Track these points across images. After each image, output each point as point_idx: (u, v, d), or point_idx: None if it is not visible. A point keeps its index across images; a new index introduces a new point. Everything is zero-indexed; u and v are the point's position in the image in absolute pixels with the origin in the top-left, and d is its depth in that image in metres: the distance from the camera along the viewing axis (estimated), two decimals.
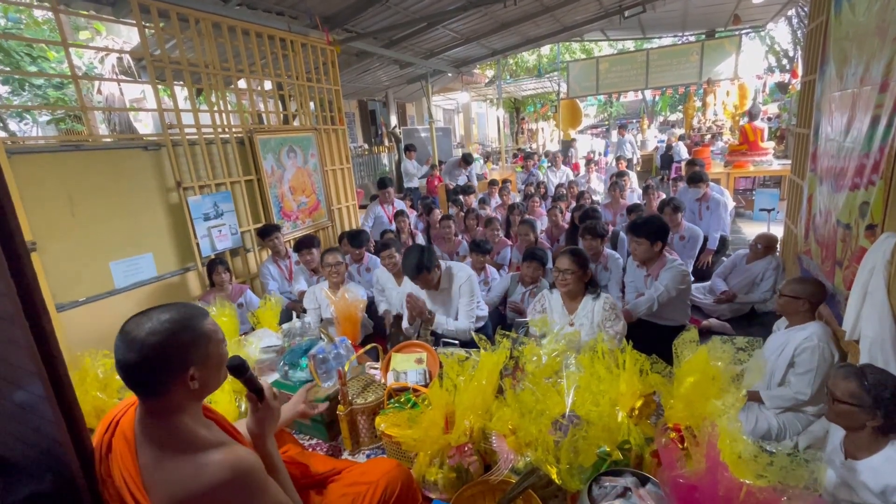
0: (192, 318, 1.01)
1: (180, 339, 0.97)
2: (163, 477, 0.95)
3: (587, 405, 1.38)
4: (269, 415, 1.21)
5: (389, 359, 2.01)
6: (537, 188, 6.41)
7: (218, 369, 1.07)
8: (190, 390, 0.99)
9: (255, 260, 4.18)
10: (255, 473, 1.01)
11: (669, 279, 2.71)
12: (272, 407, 1.22)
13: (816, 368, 2.04)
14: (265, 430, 1.19)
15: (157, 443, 0.97)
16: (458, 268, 2.66)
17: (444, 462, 1.49)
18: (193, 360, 0.99)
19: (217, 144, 3.77)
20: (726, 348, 1.48)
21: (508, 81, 13.46)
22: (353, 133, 12.77)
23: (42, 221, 2.76)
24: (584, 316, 2.35)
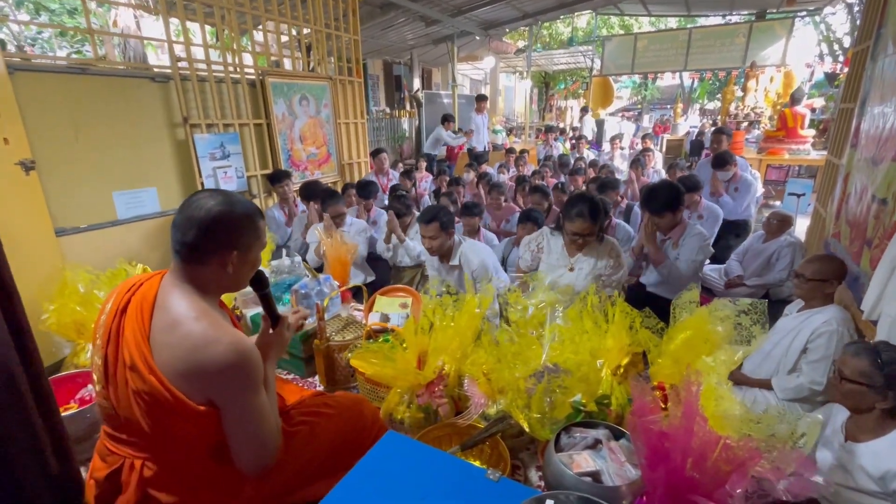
0: (255, 212, 1.08)
1: (242, 220, 1.02)
2: (174, 341, 0.95)
3: (566, 353, 1.29)
4: (278, 341, 1.22)
5: (374, 301, 1.94)
6: (556, 161, 6.19)
7: (251, 267, 1.10)
8: (223, 273, 1.02)
9: (260, 205, 4.14)
10: (258, 370, 1.00)
11: (691, 250, 2.56)
12: (283, 335, 1.22)
13: (833, 356, 1.89)
14: (270, 355, 1.18)
15: (176, 308, 0.98)
16: (474, 252, 2.47)
17: (412, 401, 1.43)
18: (241, 243, 1.03)
19: (227, 83, 3.69)
20: (727, 310, 1.36)
21: (538, 50, 12.94)
22: (377, 96, 12.55)
23: (44, 143, 2.74)
24: (586, 261, 2.21)
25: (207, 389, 0.94)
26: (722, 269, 3.53)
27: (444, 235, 2.39)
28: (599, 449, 1.13)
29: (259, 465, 1.03)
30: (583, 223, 2.11)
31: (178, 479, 0.99)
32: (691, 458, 0.87)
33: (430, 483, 0.95)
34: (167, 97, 3.36)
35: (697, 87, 18.93)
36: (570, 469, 1.03)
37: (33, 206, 2.57)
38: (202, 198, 1.00)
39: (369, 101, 12.11)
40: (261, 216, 1.10)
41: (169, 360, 0.93)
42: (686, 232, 2.61)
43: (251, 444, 1.00)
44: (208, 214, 0.97)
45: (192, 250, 0.99)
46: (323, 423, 1.27)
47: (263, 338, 1.20)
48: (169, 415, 0.92)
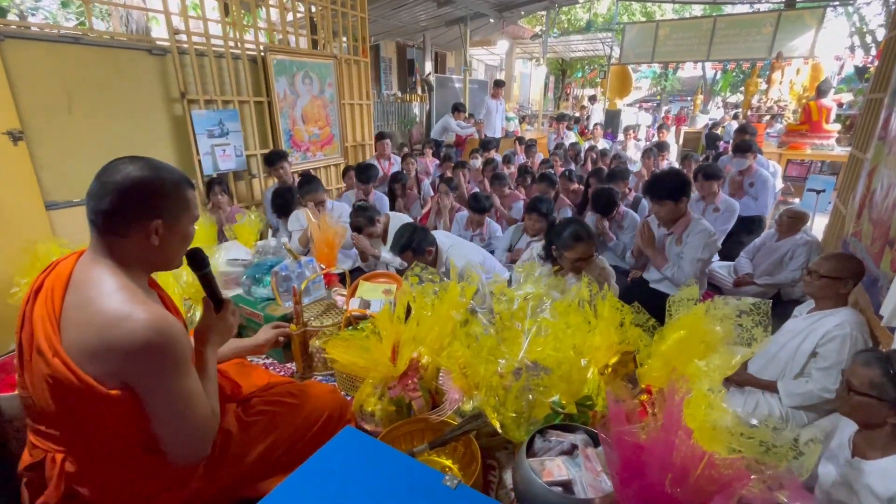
0: (180, 179, 0.98)
1: (165, 186, 0.93)
2: (84, 319, 0.86)
3: (547, 349, 1.19)
4: (221, 326, 1.12)
5: (356, 286, 1.86)
6: (565, 151, 6.01)
7: (181, 242, 1.01)
8: (147, 245, 0.94)
9: (259, 186, 4.08)
10: (182, 351, 0.90)
11: (695, 247, 2.43)
12: (227, 321, 1.14)
13: (845, 362, 1.76)
14: (209, 339, 1.10)
15: (91, 285, 0.89)
16: (458, 255, 2.38)
17: (384, 394, 1.34)
18: (163, 213, 0.94)
19: (227, 59, 3.59)
20: (727, 309, 1.24)
21: (555, 35, 12.59)
22: (389, 79, 12.36)
23: (36, 113, 2.68)
24: (574, 282, 2.13)
25: (121, 372, 0.85)
26: (731, 267, 3.38)
27: (423, 257, 2.33)
28: (575, 455, 1.04)
29: (190, 454, 0.95)
30: (584, 247, 2.02)
31: (107, 473, 0.92)
32: (671, 474, 0.77)
33: (382, 486, 0.87)
34: (164, 71, 3.28)
35: (720, 79, 18.36)
36: (539, 477, 0.94)
37: (21, 177, 2.53)
38: (120, 163, 0.92)
39: (381, 84, 11.95)
40: (190, 186, 1.01)
41: (77, 340, 0.84)
42: (690, 227, 2.48)
43: (179, 432, 0.92)
44: (126, 179, 0.89)
45: (108, 219, 0.90)
46: (283, 414, 1.20)
47: (205, 321, 1.11)
48: (80, 402, 0.84)
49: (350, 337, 1.31)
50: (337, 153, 4.80)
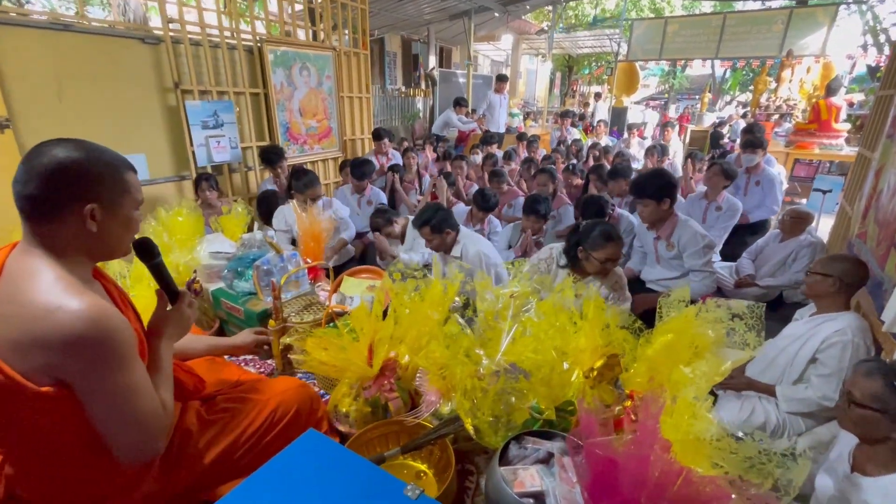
0: (115, 160, 0.92)
1: (92, 168, 0.87)
2: (11, 311, 0.80)
3: (526, 351, 1.13)
4: (176, 319, 1.07)
5: (340, 282, 1.81)
6: (568, 147, 5.92)
7: (124, 228, 0.94)
8: (84, 232, 0.87)
9: (255, 179, 4.03)
10: (118, 342, 0.83)
11: (695, 254, 2.40)
12: (183, 314, 1.09)
13: (847, 370, 1.69)
14: (164, 332, 1.04)
15: (22, 276, 0.82)
16: (472, 242, 2.39)
17: (360, 394, 1.29)
18: (98, 195, 0.87)
19: (223, 49, 3.54)
20: (720, 312, 1.18)
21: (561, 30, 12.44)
22: (394, 74, 12.29)
23: (26, 101, 2.65)
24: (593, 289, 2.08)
25: (52, 367, 0.79)
26: (733, 267, 3.29)
27: (440, 236, 2.32)
28: (552, 464, 0.98)
29: (138, 454, 0.89)
30: (614, 246, 1.93)
31: (50, 475, 0.87)
32: (645, 491, 0.71)
33: (339, 494, 0.82)
34: (158, 60, 3.23)
35: (730, 77, 18.11)
36: (510, 487, 0.89)
37: (8, 166, 2.48)
38: (47, 145, 0.86)
39: (386, 78, 11.88)
40: (129, 168, 0.95)
41: (3, 334, 0.79)
42: (678, 230, 2.44)
43: (123, 431, 0.87)
44: (52, 161, 0.83)
45: (36, 205, 0.84)
46: (247, 411, 1.15)
47: (159, 314, 1.06)
48: (9, 400, 0.78)
49: (323, 335, 1.26)
50: (335, 147, 4.74)
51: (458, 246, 2.39)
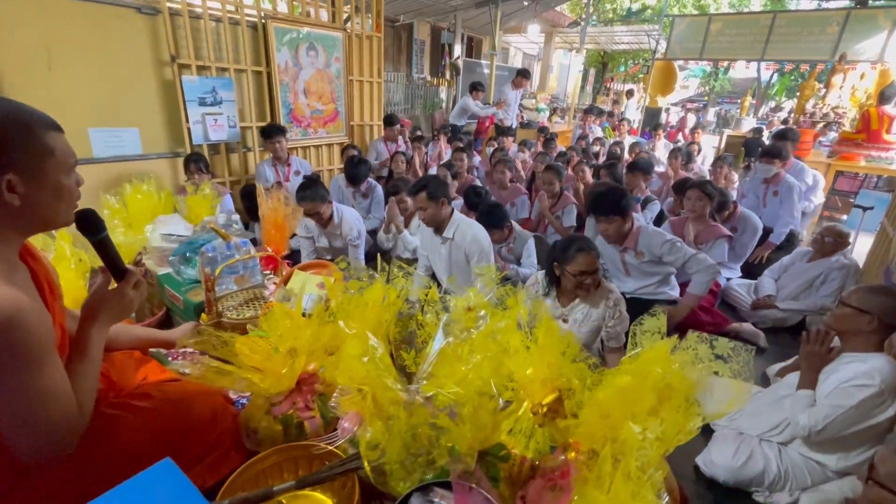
0: (31, 120, 0.80)
1: (10, 130, 0.77)
2: None
3: (450, 383, 0.93)
4: (116, 301, 0.95)
5: (289, 276, 1.65)
6: (588, 145, 5.61)
7: (54, 196, 0.84)
8: (5, 205, 0.78)
9: (254, 160, 3.93)
10: (27, 340, 0.73)
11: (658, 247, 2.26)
12: (125, 296, 0.96)
13: (855, 408, 1.43)
14: (98, 315, 0.93)
15: None
16: (468, 226, 2.24)
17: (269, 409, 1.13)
18: (13, 163, 0.78)
19: (224, 23, 3.42)
20: (702, 349, 0.95)
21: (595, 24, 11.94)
22: (421, 63, 12.08)
23: (12, 68, 2.59)
24: (580, 309, 1.87)
25: None
26: (752, 286, 2.99)
27: (436, 205, 2.17)
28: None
29: (39, 455, 0.80)
30: (586, 257, 1.74)
31: None
32: None
33: None
34: (155, 32, 3.14)
35: (776, 82, 17.14)
36: None
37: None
38: None
39: (412, 66, 11.68)
40: (51, 128, 0.83)
41: None
42: (641, 238, 2.29)
43: (25, 435, 0.78)
44: None
45: None
46: (130, 419, 1.00)
47: (97, 294, 0.94)
48: None
49: (230, 339, 1.09)
50: (341, 131, 4.60)
51: (452, 227, 2.24)
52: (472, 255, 2.18)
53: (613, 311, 1.84)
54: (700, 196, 2.67)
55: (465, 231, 2.21)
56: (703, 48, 11.39)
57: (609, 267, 2.51)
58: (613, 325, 1.84)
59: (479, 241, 2.19)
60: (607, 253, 2.44)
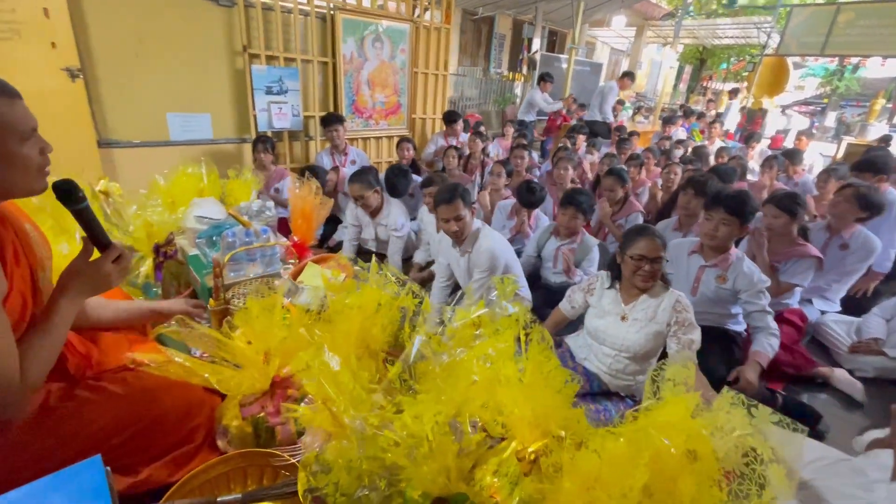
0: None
1: None
2: None
3: (406, 415, 0.80)
4: (91, 273, 0.94)
5: (302, 268, 1.60)
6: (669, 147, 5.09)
7: (7, 165, 0.83)
8: None
9: (315, 148, 4.03)
10: None
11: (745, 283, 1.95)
12: (102, 269, 0.94)
13: None
14: (70, 286, 0.92)
15: None
16: (487, 238, 2.05)
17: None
18: None
19: (294, 14, 3.52)
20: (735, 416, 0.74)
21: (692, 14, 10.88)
22: (500, 57, 11.85)
23: (103, 53, 2.83)
24: (643, 311, 1.64)
25: None
26: (854, 325, 2.48)
27: (469, 214, 2.01)
28: None
29: None
30: (648, 242, 1.58)
31: None
32: None
33: None
34: (230, 23, 3.30)
35: None
36: None
37: (76, 113, 2.70)
38: None
39: (490, 60, 11.48)
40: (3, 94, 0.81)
41: None
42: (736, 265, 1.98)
43: None
44: None
45: None
46: (100, 404, 0.99)
47: (74, 265, 0.93)
48: None
49: (207, 333, 1.05)
50: (402, 124, 4.58)
51: (473, 238, 2.05)
52: (478, 265, 2.00)
53: (683, 316, 1.58)
54: (777, 213, 2.24)
55: (482, 243, 2.03)
56: (827, 42, 9.96)
57: (677, 277, 2.18)
58: (684, 332, 1.58)
59: (493, 256, 1.99)
60: (684, 261, 2.12)
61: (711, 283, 2.03)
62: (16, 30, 2.38)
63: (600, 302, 1.77)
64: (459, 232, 2.02)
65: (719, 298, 2.05)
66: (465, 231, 2.03)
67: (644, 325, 1.61)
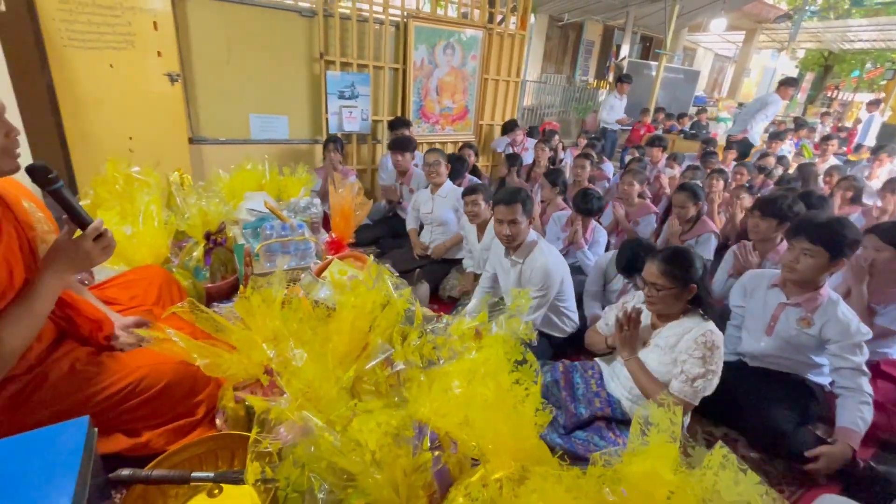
0: None
1: None
2: None
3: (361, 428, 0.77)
4: (70, 250, 1.01)
5: (327, 265, 1.65)
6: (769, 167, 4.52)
7: None
8: None
9: (381, 151, 4.18)
10: None
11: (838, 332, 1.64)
12: (82, 248, 1.01)
13: None
14: (54, 261, 1.00)
15: None
16: (542, 253, 1.96)
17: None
18: None
19: (370, 23, 3.69)
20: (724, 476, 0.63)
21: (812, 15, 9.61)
22: (587, 65, 11.44)
23: (200, 60, 3.19)
24: (665, 338, 1.50)
25: None
26: None
27: (527, 222, 1.95)
28: None
29: None
30: (650, 266, 1.48)
31: None
32: None
33: None
34: (310, 32, 3.54)
35: None
36: None
37: (173, 113, 3.05)
38: None
39: (576, 67, 11.13)
40: None
41: None
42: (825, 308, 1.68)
43: None
44: None
45: None
46: (112, 371, 1.09)
47: (57, 243, 1.01)
48: None
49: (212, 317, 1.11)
50: (468, 130, 4.59)
51: (527, 250, 1.97)
52: (531, 282, 1.90)
53: (698, 351, 1.38)
54: (880, 245, 1.88)
55: (536, 257, 1.93)
56: None
57: (751, 312, 1.91)
58: (690, 367, 1.39)
59: (548, 273, 1.88)
60: (761, 295, 1.84)
61: (792, 326, 1.72)
62: (130, 40, 2.76)
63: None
64: (512, 237, 1.94)
65: (800, 344, 1.74)
66: (518, 238, 1.95)
67: (664, 353, 1.45)
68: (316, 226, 2.10)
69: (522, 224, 1.92)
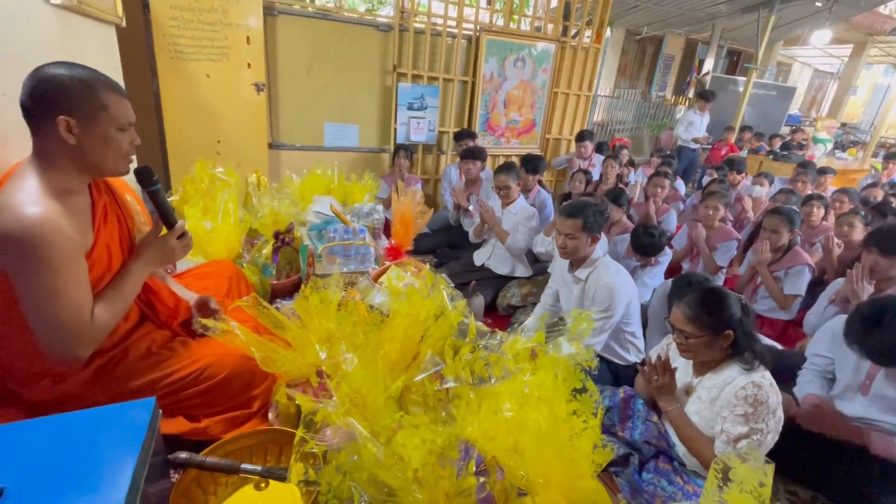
0: (92, 79, 0.98)
1: (65, 82, 0.95)
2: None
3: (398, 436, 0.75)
4: (158, 246, 1.15)
5: (385, 270, 1.67)
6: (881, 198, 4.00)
7: (103, 145, 1.02)
8: (63, 143, 0.97)
9: (445, 162, 4.22)
10: (47, 249, 0.91)
11: None
12: (167, 244, 1.16)
13: None
14: (141, 254, 1.13)
15: (11, 178, 0.98)
16: (608, 271, 1.85)
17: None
18: (71, 110, 0.96)
19: (443, 37, 3.76)
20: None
21: None
22: (664, 80, 10.92)
23: (284, 72, 3.42)
24: (707, 389, 1.35)
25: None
26: None
27: (586, 238, 1.86)
28: None
29: (56, 351, 0.98)
30: (676, 311, 1.35)
31: None
32: None
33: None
34: (386, 45, 3.68)
35: None
36: None
37: (257, 120, 3.28)
38: (46, 65, 0.96)
39: (653, 82, 10.65)
40: (111, 90, 1.00)
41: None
42: None
43: (41, 326, 0.96)
44: (38, 75, 0.94)
45: (25, 114, 0.96)
46: (181, 358, 1.16)
47: (146, 238, 1.15)
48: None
49: (273, 313, 1.15)
50: (535, 143, 4.51)
51: (590, 268, 1.88)
52: (596, 301, 1.80)
53: (740, 407, 1.21)
54: None
55: (602, 275, 1.83)
56: None
57: (842, 367, 1.63)
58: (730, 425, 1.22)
59: (612, 292, 1.77)
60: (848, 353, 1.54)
61: (893, 386, 1.49)
62: (225, 53, 3.01)
63: (675, 362, 1.46)
64: (568, 252, 1.88)
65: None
66: (576, 253, 1.88)
67: (705, 407, 1.31)
68: (377, 231, 2.15)
69: (580, 240, 1.84)
